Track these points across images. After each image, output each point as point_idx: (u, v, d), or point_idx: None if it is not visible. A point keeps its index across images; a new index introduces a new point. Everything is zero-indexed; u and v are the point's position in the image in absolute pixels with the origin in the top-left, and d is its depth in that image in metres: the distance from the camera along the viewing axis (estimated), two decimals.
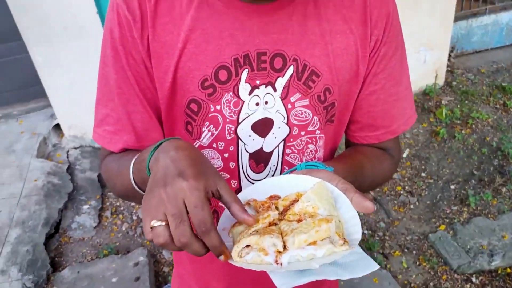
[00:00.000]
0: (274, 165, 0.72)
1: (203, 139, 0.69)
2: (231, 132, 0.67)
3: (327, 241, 0.50)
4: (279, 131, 0.68)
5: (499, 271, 2.06)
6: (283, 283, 0.49)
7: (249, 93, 0.65)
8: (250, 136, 0.68)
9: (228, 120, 0.66)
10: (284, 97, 0.66)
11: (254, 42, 0.62)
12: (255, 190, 0.60)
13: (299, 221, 0.53)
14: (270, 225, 0.54)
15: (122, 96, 0.66)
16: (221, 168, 0.71)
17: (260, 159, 0.71)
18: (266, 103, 0.66)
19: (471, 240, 2.17)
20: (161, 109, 0.68)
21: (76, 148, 2.89)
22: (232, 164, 0.71)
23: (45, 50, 2.56)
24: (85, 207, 2.48)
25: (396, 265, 2.14)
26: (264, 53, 0.63)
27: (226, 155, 0.70)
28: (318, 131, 0.70)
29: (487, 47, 3.92)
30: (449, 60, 3.74)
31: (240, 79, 0.64)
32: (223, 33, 0.62)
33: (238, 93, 0.65)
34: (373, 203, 0.55)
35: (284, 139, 0.70)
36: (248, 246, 0.50)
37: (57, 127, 2.99)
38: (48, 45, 2.55)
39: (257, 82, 0.65)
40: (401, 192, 2.58)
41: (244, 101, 0.65)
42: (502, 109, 3.19)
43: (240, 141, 0.69)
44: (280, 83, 0.65)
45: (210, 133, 0.68)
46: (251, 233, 0.51)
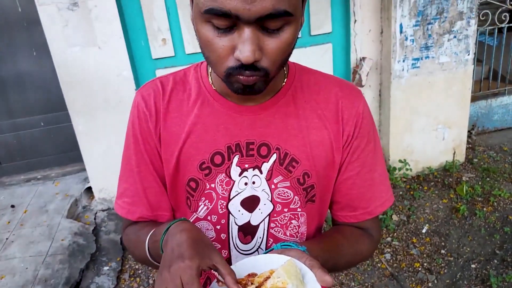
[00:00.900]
0: (260, 237, 0.82)
1: (199, 212, 0.81)
2: (223, 207, 0.79)
3: None
4: (265, 207, 0.79)
5: None
6: None
7: (239, 175, 0.78)
8: (239, 211, 0.80)
9: (220, 196, 0.79)
10: (269, 179, 0.78)
11: (244, 134, 0.77)
12: (237, 269, 0.68)
13: None
14: None
15: (140, 174, 0.81)
16: (213, 239, 0.82)
17: (247, 231, 0.81)
18: (253, 183, 0.78)
19: None
20: (167, 184, 0.82)
21: (103, 211, 3.06)
22: (223, 236, 0.82)
23: (86, 119, 2.84)
24: (106, 268, 2.57)
25: None
26: (252, 142, 0.77)
27: (218, 227, 0.81)
28: (299, 209, 0.81)
29: (509, 125, 3.96)
30: (470, 137, 3.79)
31: (231, 163, 0.77)
32: (219, 127, 0.77)
33: (230, 174, 0.78)
34: (331, 278, 0.63)
35: (269, 214, 0.80)
36: None
37: (89, 189, 3.21)
38: (89, 115, 2.84)
39: (246, 165, 0.78)
40: (419, 269, 2.52)
41: (234, 181, 0.78)
42: None
43: (230, 215, 0.80)
44: (266, 167, 0.78)
45: (205, 207, 0.80)
46: None
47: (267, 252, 0.72)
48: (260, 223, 0.81)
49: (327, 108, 0.79)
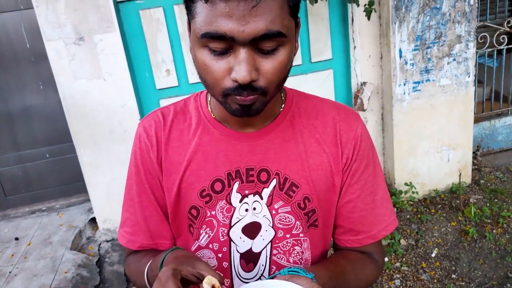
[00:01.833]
0: (262, 265, 0.81)
1: (201, 240, 0.80)
2: (224, 234, 0.79)
3: None
4: (266, 233, 0.79)
5: None
6: None
7: (240, 201, 0.78)
8: (240, 238, 0.79)
9: (221, 224, 0.78)
10: (269, 204, 0.78)
11: (244, 160, 0.77)
12: None
13: None
14: None
15: (141, 203, 0.82)
16: (215, 267, 0.81)
17: (250, 259, 0.80)
18: (254, 209, 0.78)
19: None
20: (168, 213, 0.82)
21: (108, 241, 3.04)
22: (225, 264, 0.81)
23: (90, 150, 2.87)
24: None
25: None
26: (252, 168, 0.77)
27: (220, 255, 0.80)
28: (301, 234, 0.80)
29: None
30: (475, 159, 3.77)
31: (232, 189, 0.77)
32: (219, 154, 0.77)
33: (230, 201, 0.78)
34: None
35: (271, 241, 0.79)
36: None
37: (93, 220, 3.19)
38: (93, 146, 2.86)
39: (246, 192, 0.78)
40: None
41: (235, 208, 0.78)
42: None
43: (232, 242, 0.79)
44: (266, 192, 0.78)
45: (207, 235, 0.80)
46: None
47: (272, 277, 0.70)
48: (262, 250, 0.80)
49: (325, 132, 0.79)
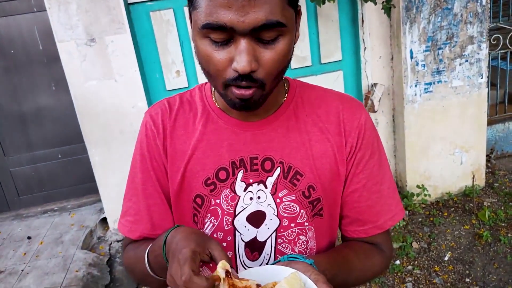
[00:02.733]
0: (267, 254, 0.80)
1: (206, 229, 0.80)
2: (229, 223, 0.78)
3: None
4: (271, 222, 0.78)
5: None
6: None
7: (244, 190, 0.77)
8: (245, 226, 0.78)
9: (226, 212, 0.78)
10: (274, 193, 0.77)
11: (248, 149, 0.77)
12: (241, 277, 0.68)
13: None
14: None
15: (145, 191, 0.81)
16: None
17: (254, 248, 0.79)
18: (258, 198, 0.77)
19: None
20: (171, 201, 0.81)
21: (118, 241, 3.06)
22: (230, 253, 0.80)
23: (101, 151, 2.90)
24: None
25: None
26: (256, 157, 0.77)
27: (225, 244, 0.80)
28: (306, 223, 0.79)
29: None
30: (489, 162, 3.70)
31: (236, 178, 0.77)
32: (223, 143, 0.77)
33: (235, 190, 0.77)
34: None
35: (276, 230, 0.79)
36: None
37: (104, 220, 3.22)
38: (105, 147, 2.89)
39: (251, 180, 0.77)
40: None
41: (240, 196, 0.77)
42: None
43: (236, 231, 0.79)
44: (270, 181, 0.77)
45: (211, 224, 0.79)
46: None
47: (274, 264, 0.70)
48: (267, 239, 0.79)
49: (329, 121, 0.79)
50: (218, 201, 0.78)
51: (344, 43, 3.10)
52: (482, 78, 3.09)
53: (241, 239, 0.79)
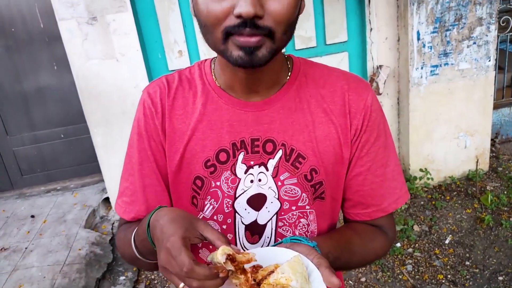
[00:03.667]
0: (268, 237, 0.79)
1: (206, 211, 0.79)
2: (229, 206, 0.77)
3: None
4: (272, 205, 0.77)
5: None
6: None
7: (245, 172, 0.76)
8: (245, 209, 0.77)
9: (226, 195, 0.76)
10: (275, 176, 0.76)
11: (249, 130, 0.75)
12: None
13: None
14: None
15: (141, 171, 0.79)
16: None
17: (255, 230, 0.79)
18: (259, 180, 0.76)
19: None
20: (169, 182, 0.80)
21: None
22: (230, 235, 0.79)
23: (103, 131, 2.89)
24: (122, 278, 2.57)
25: None
26: (257, 139, 0.75)
27: (225, 226, 0.79)
28: (308, 207, 0.78)
29: None
30: (494, 146, 3.67)
31: (237, 160, 0.75)
32: (224, 124, 0.75)
33: (235, 172, 0.76)
34: (338, 280, 0.59)
35: (277, 213, 0.78)
36: None
37: (107, 200, 3.24)
38: (107, 127, 2.88)
39: (252, 162, 0.76)
40: (443, 281, 2.42)
41: (240, 179, 0.76)
42: None
43: (237, 214, 0.78)
44: (271, 163, 0.75)
45: (211, 206, 0.78)
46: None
47: (275, 245, 0.69)
48: (268, 222, 0.78)
49: (333, 102, 0.76)
50: (218, 183, 0.76)
51: (350, 24, 3.03)
52: (490, 61, 3.03)
53: (241, 221, 0.78)
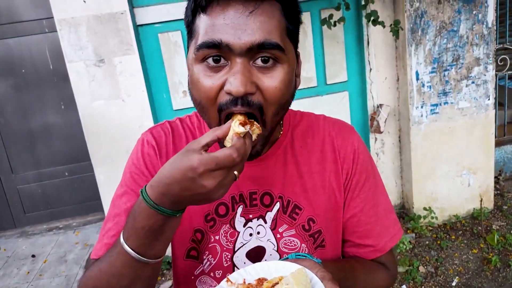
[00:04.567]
0: None
1: (204, 266, 0.79)
2: (228, 259, 0.77)
3: None
4: (271, 258, 0.77)
5: None
6: None
7: (244, 225, 0.77)
8: (245, 263, 0.77)
9: (225, 248, 0.77)
10: (274, 228, 0.77)
11: (246, 184, 0.77)
12: (246, 272, 0.67)
13: None
14: None
15: (127, 211, 0.73)
16: None
17: None
18: (258, 233, 0.77)
19: None
20: None
21: None
22: None
23: (107, 169, 2.91)
24: None
25: None
26: (255, 192, 0.77)
27: None
28: None
29: None
30: (497, 183, 3.65)
31: (236, 213, 0.76)
32: None
33: (234, 225, 0.77)
34: None
35: None
36: None
37: None
38: (110, 165, 2.90)
39: (250, 216, 0.77)
40: None
41: (239, 232, 0.77)
42: None
43: (235, 268, 0.78)
44: (269, 216, 0.77)
45: (208, 262, 0.78)
46: None
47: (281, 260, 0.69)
48: None
49: (323, 150, 0.79)
50: (217, 237, 0.77)
51: (350, 64, 3.11)
52: (489, 99, 3.07)
53: None
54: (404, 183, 3.30)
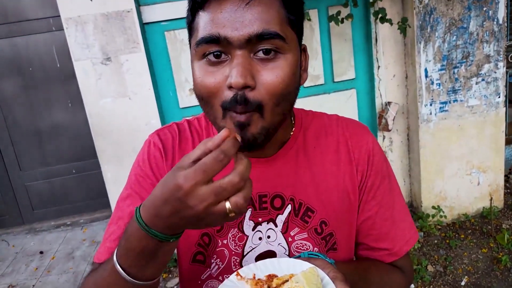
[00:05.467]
0: None
1: (212, 270, 0.77)
2: (236, 264, 0.76)
3: None
4: None
5: None
6: None
7: (253, 229, 0.75)
8: None
9: (233, 252, 0.75)
10: (285, 232, 0.75)
11: (256, 186, 0.73)
12: (257, 267, 0.66)
13: None
14: None
15: (131, 215, 0.72)
16: None
17: None
18: (268, 237, 0.75)
19: None
20: None
21: None
22: None
23: (114, 167, 2.92)
24: None
25: None
26: (265, 195, 0.75)
27: None
28: None
29: None
30: (508, 182, 3.60)
31: (244, 217, 0.75)
32: None
33: (243, 229, 0.75)
34: None
35: None
36: None
37: None
38: (117, 163, 2.91)
39: (260, 219, 0.75)
40: None
41: (248, 236, 0.75)
42: None
43: None
44: (280, 219, 0.75)
45: (217, 266, 0.76)
46: None
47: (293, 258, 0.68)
48: None
49: (337, 151, 0.77)
50: (225, 241, 0.75)
51: (358, 62, 3.08)
52: (499, 97, 3.03)
53: None
54: (413, 181, 3.27)
